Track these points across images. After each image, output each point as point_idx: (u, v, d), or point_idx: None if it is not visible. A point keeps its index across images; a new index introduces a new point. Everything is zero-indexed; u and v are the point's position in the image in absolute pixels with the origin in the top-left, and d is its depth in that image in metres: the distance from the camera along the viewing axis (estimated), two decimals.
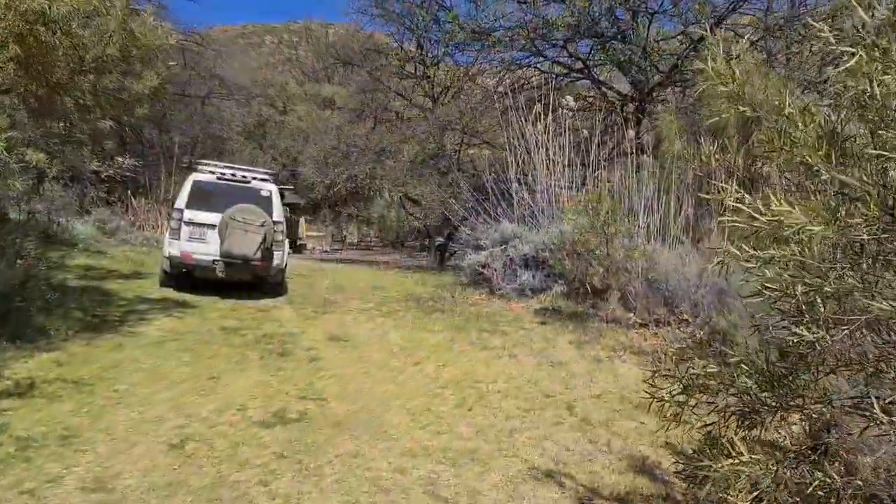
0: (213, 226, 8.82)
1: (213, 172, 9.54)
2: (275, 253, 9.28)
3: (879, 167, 1.81)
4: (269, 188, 9.60)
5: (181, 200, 9.06)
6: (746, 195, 1.93)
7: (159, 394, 4.48)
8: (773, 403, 2.19)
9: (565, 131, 12.79)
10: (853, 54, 1.84)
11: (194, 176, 9.40)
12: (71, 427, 3.75)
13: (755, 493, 2.05)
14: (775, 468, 2.05)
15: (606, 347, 7.27)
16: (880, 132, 1.81)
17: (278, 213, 9.48)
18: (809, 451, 2.18)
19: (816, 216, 1.69)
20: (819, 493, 2.03)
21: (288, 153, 27.56)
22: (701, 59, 2.44)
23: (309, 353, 6.08)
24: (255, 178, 9.73)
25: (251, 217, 8.77)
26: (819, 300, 1.84)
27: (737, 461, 2.03)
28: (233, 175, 9.59)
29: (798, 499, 2.10)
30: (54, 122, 6.15)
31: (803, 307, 1.90)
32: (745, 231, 1.86)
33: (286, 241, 10.17)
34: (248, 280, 9.35)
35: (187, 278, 9.12)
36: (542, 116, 12.58)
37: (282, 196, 14.20)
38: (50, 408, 4.02)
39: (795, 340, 2.00)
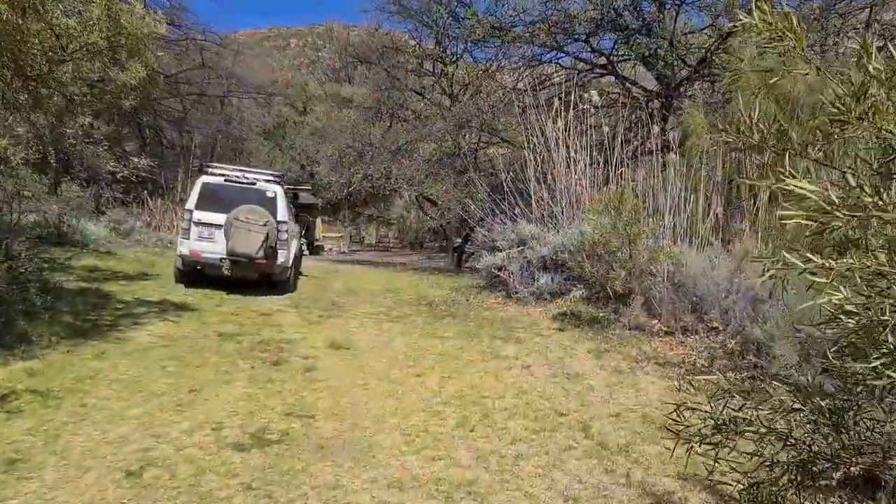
0: (220, 226, 9.12)
1: (221, 175, 9.82)
2: (279, 252, 9.48)
3: None
4: (275, 189, 9.78)
5: (191, 202, 9.48)
6: (806, 182, 1.42)
7: (131, 409, 4.09)
8: (841, 455, 1.67)
9: (588, 129, 12.26)
10: None
11: (203, 178, 9.70)
12: (22, 449, 3.37)
13: None
14: None
15: (628, 357, 6.74)
16: None
17: (283, 213, 9.66)
18: None
19: None
20: None
21: (306, 153, 27.35)
22: (742, 18, 1.93)
23: (305, 363, 5.66)
24: (261, 180, 9.91)
25: (254, 217, 9.04)
26: None
27: None
28: (242, 177, 9.83)
29: None
30: (40, 116, 5.76)
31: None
32: (808, 229, 1.35)
33: (293, 241, 10.39)
34: (255, 278, 9.56)
35: (198, 275, 9.48)
36: (562, 113, 12.07)
37: (296, 197, 14.03)
38: (6, 425, 3.65)
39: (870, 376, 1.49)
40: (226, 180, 9.67)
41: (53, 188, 16.12)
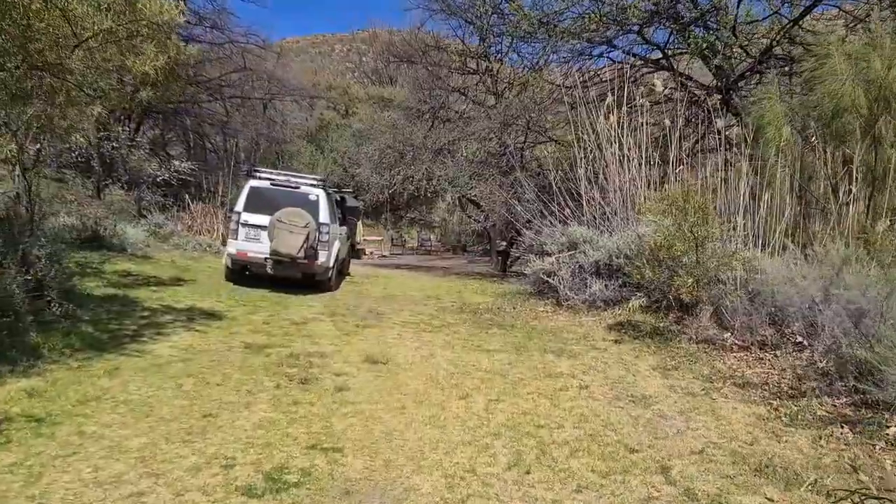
0: (265, 227, 9.57)
1: (267, 179, 10.26)
2: (320, 252, 9.85)
3: None
4: (317, 192, 10.12)
5: (239, 204, 10.00)
6: None
7: (133, 439, 3.56)
8: None
9: (641, 125, 11.44)
10: None
11: (251, 182, 10.21)
12: None
13: None
14: None
15: (700, 376, 5.94)
16: None
17: (325, 215, 9.99)
18: None
19: None
20: None
21: (348, 156, 27.07)
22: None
23: (337, 381, 5.07)
24: (304, 184, 10.30)
25: (295, 219, 9.44)
26: None
27: None
28: (285, 181, 10.27)
29: None
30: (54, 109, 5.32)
31: None
32: None
33: (335, 242, 10.57)
34: (299, 277, 9.96)
35: (243, 274, 10.15)
36: (615, 109, 11.27)
37: (343, 200, 13.82)
38: None
39: None
40: (271, 184, 10.10)
41: (97, 192, 16.14)
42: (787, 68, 13.34)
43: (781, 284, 6.92)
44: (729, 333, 7.04)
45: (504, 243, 18.29)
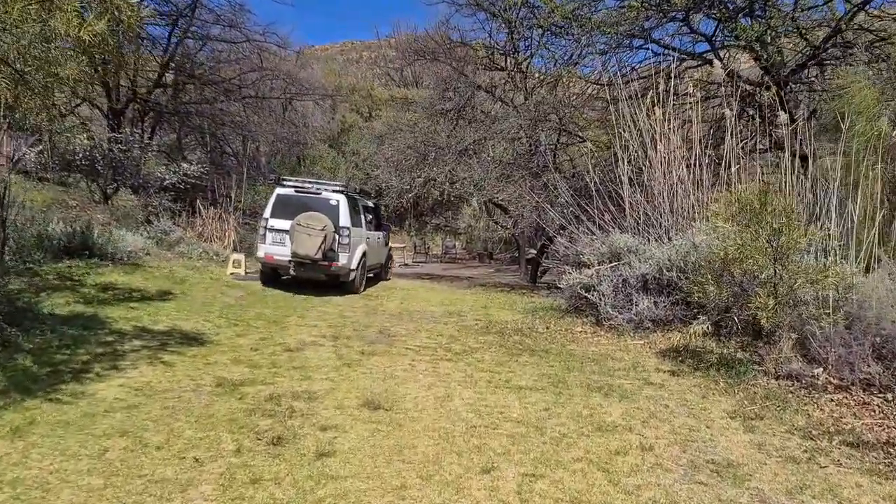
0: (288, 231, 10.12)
1: (293, 186, 10.93)
2: (340, 254, 10.31)
3: None
4: (337, 198, 10.62)
5: (267, 211, 10.65)
6: None
7: None
8: None
9: (689, 120, 10.11)
10: None
11: (278, 189, 10.88)
12: None
13: None
14: None
15: (795, 429, 4.58)
16: None
17: (345, 219, 10.45)
18: None
19: None
20: None
21: (371, 160, 25.99)
22: None
23: (321, 439, 3.84)
24: (325, 190, 10.81)
25: (313, 223, 9.91)
26: None
27: None
28: (310, 188, 10.88)
29: None
30: None
31: None
32: None
33: (359, 245, 11.05)
34: (322, 279, 10.58)
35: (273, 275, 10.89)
36: (660, 102, 9.93)
37: (377, 207, 13.14)
38: None
39: None
40: (296, 191, 10.76)
41: (104, 196, 15.24)
42: (853, 55, 11.87)
43: (889, 308, 5.52)
44: (820, 368, 5.65)
45: (534, 251, 16.97)
